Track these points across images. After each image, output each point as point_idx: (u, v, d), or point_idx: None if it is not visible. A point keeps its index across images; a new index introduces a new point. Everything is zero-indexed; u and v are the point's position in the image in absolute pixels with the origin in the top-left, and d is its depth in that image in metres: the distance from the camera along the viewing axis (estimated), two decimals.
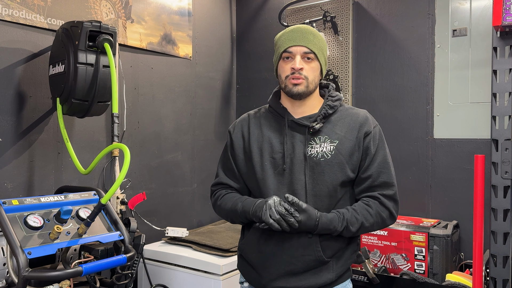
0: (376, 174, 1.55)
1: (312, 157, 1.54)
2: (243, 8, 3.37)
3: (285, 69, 1.56)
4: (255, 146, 1.62)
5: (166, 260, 2.44)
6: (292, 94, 1.56)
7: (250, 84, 3.33)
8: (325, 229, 1.49)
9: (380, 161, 1.56)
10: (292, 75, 1.54)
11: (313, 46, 1.54)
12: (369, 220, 1.53)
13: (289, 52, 1.55)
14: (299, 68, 1.53)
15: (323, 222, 1.48)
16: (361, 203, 1.56)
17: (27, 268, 1.44)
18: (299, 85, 1.54)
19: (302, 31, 1.55)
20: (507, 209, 1.74)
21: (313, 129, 1.55)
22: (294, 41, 1.54)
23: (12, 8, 2.03)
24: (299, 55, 1.53)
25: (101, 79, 1.96)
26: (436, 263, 2.22)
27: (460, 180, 2.48)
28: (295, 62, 1.53)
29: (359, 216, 1.52)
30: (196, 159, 3.04)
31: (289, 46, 1.54)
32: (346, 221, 1.51)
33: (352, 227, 1.51)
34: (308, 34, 1.55)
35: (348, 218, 1.51)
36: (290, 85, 1.55)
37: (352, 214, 1.52)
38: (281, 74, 1.58)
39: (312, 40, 1.55)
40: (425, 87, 2.60)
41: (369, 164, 1.56)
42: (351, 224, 1.51)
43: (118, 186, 1.63)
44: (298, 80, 1.53)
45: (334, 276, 1.55)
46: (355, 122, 1.58)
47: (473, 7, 2.46)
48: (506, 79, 1.76)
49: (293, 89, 1.54)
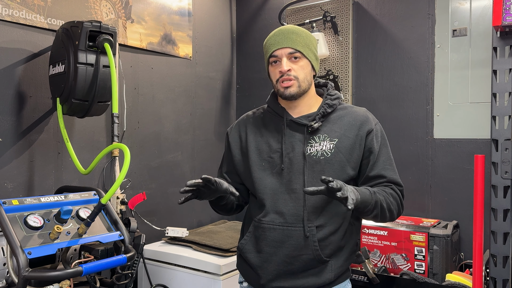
0: (383, 172, 1.57)
1: (311, 156, 1.54)
2: (243, 8, 3.37)
3: (275, 73, 1.57)
4: (253, 146, 1.62)
5: (166, 260, 2.44)
6: (285, 97, 1.56)
7: (250, 84, 3.33)
8: (363, 192, 1.45)
9: (385, 159, 1.58)
10: (281, 78, 1.54)
11: (297, 45, 1.54)
12: (390, 200, 1.53)
13: (275, 56, 1.55)
14: (287, 70, 1.53)
15: (358, 188, 1.45)
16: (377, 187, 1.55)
17: (27, 268, 1.44)
18: (290, 87, 1.54)
19: (283, 33, 1.56)
20: (507, 209, 1.74)
21: (312, 128, 1.55)
22: (277, 44, 1.54)
23: (12, 8, 2.03)
24: (285, 57, 1.54)
25: (101, 79, 1.96)
26: (436, 263, 2.22)
27: (460, 180, 2.48)
28: (282, 65, 1.54)
29: (382, 192, 1.52)
30: (196, 159, 3.04)
31: (273, 50, 1.55)
32: (375, 193, 1.49)
33: (381, 198, 1.49)
34: (290, 34, 1.55)
35: (375, 191, 1.51)
36: (281, 89, 1.55)
37: (374, 191, 1.51)
38: (272, 79, 1.59)
39: (295, 39, 1.54)
40: (425, 87, 2.60)
41: (374, 162, 1.56)
42: (379, 195, 1.50)
43: (118, 186, 1.63)
44: (288, 82, 1.53)
45: (333, 276, 1.55)
46: (355, 120, 1.58)
47: (473, 7, 2.46)
48: (506, 79, 1.76)
49: (285, 92, 1.55)
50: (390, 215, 1.55)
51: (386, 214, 1.53)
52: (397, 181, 1.59)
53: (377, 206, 1.49)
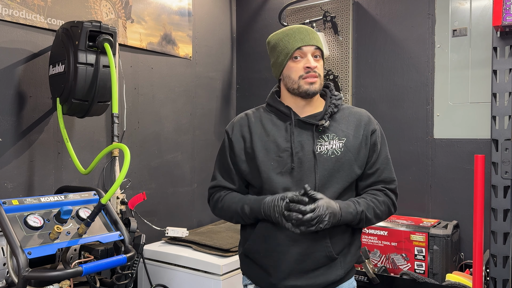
0: (381, 170, 1.61)
1: (322, 154, 1.54)
2: (243, 8, 3.37)
3: (297, 69, 1.55)
4: (260, 146, 1.60)
5: (166, 260, 2.44)
6: (309, 93, 1.56)
7: (250, 84, 3.33)
8: (347, 212, 1.50)
9: (384, 158, 1.62)
10: (308, 74, 1.54)
11: (320, 45, 1.58)
12: (379, 208, 1.57)
13: (301, 51, 1.55)
14: (315, 66, 1.54)
15: (341, 205, 1.49)
16: (369, 194, 1.60)
17: (27, 268, 1.44)
18: (315, 84, 1.55)
19: (307, 31, 1.58)
20: (507, 209, 1.74)
21: (323, 126, 1.56)
22: (304, 41, 1.55)
23: (12, 8, 2.03)
24: (310, 53, 1.55)
25: (101, 79, 1.96)
26: (436, 263, 2.22)
27: (460, 180, 2.48)
28: (309, 61, 1.54)
29: (371, 203, 1.56)
30: (196, 159, 3.04)
31: (300, 46, 1.55)
32: (362, 206, 1.53)
33: (367, 212, 1.54)
34: (313, 34, 1.58)
35: (362, 203, 1.55)
36: (306, 85, 1.55)
37: (364, 201, 1.56)
38: (292, 75, 1.56)
39: (318, 39, 1.58)
40: (425, 87, 2.60)
41: (375, 160, 1.60)
42: (366, 209, 1.54)
43: (118, 186, 1.63)
44: (314, 78, 1.55)
45: (343, 273, 1.57)
46: (360, 120, 1.61)
47: (473, 7, 2.46)
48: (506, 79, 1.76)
49: (310, 88, 1.55)
50: (377, 220, 1.60)
51: (372, 222, 1.58)
52: (391, 179, 1.63)
53: (362, 219, 1.53)
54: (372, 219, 1.56)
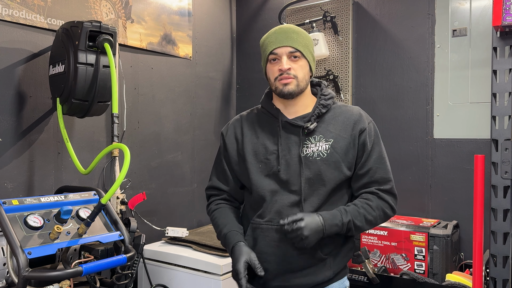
0: (373, 170, 1.57)
1: (308, 156, 1.54)
2: (243, 8, 3.37)
3: (273, 71, 1.56)
4: (249, 148, 1.62)
5: (166, 260, 2.44)
6: (284, 94, 1.55)
7: (250, 84, 3.33)
8: (332, 225, 1.48)
9: (376, 157, 1.58)
10: (281, 76, 1.54)
11: (297, 45, 1.54)
12: (371, 213, 1.54)
13: (275, 54, 1.55)
14: (287, 69, 1.53)
15: (326, 218, 1.48)
16: (361, 199, 1.57)
17: (27, 268, 1.44)
18: (289, 84, 1.54)
19: (285, 32, 1.56)
20: (507, 209, 1.74)
21: (308, 129, 1.55)
22: (278, 43, 1.54)
23: (12, 8, 2.03)
24: (285, 55, 1.54)
25: (101, 79, 1.96)
26: (436, 263, 2.22)
27: (460, 180, 2.48)
28: (282, 63, 1.53)
29: (361, 210, 1.53)
30: (196, 159, 3.04)
31: (274, 48, 1.55)
32: (350, 215, 1.51)
33: (356, 220, 1.51)
34: (291, 34, 1.55)
35: (351, 211, 1.52)
36: (280, 86, 1.55)
37: (353, 208, 1.53)
38: (270, 77, 1.59)
39: (296, 39, 1.55)
40: (425, 87, 2.60)
41: (365, 160, 1.57)
42: (355, 217, 1.51)
43: (118, 186, 1.63)
44: (287, 79, 1.53)
45: (331, 274, 1.56)
46: (349, 120, 1.59)
47: (473, 7, 2.46)
48: (506, 79, 1.76)
49: (284, 89, 1.54)
50: (370, 226, 1.57)
51: (363, 229, 1.56)
52: (385, 179, 1.58)
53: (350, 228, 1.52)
54: (363, 226, 1.54)
